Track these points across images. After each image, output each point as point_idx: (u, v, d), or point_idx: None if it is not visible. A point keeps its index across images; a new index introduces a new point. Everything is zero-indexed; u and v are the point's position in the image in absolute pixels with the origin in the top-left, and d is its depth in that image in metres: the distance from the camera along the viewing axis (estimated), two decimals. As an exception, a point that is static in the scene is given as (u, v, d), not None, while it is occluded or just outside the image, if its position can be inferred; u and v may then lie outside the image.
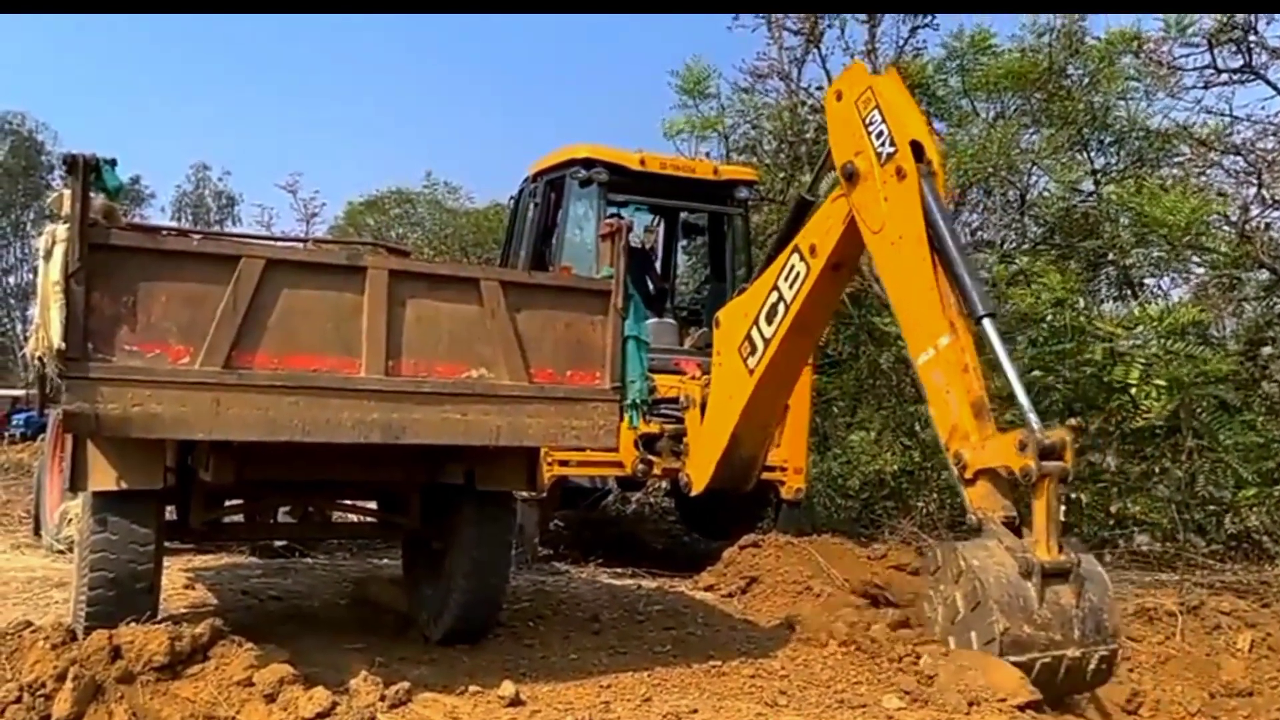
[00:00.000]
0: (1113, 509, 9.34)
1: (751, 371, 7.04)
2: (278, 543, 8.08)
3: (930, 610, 5.06)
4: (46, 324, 4.00)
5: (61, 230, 3.95)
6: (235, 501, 5.69)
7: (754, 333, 7.01)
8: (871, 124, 5.96)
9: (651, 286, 10.09)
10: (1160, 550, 8.64)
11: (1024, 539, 4.83)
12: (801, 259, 6.65)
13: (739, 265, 9.73)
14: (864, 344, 12.39)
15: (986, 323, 5.32)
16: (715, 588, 7.34)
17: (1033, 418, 4.94)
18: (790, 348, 6.87)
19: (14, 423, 27.94)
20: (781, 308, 6.77)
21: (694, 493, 7.92)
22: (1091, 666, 4.71)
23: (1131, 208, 10.25)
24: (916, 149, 5.74)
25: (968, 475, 5.13)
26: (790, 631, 5.83)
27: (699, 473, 7.80)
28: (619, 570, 8.53)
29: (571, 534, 10.50)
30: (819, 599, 6.60)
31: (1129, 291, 12.08)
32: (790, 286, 6.71)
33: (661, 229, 10.85)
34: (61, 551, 7.98)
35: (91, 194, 3.99)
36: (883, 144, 5.88)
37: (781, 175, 13.85)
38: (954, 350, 5.35)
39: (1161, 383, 8.99)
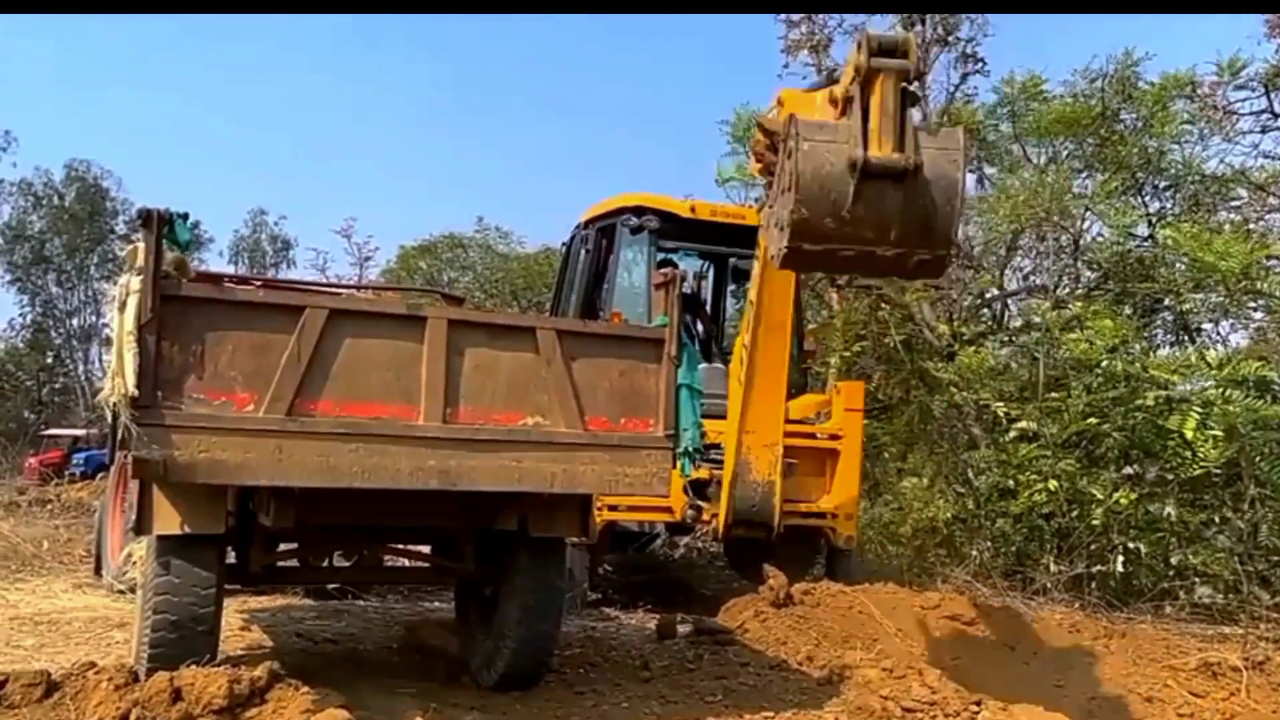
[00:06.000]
0: (1173, 560, 9.15)
1: (741, 381, 7.67)
2: (331, 585, 8.15)
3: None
4: (121, 371, 4.11)
5: (135, 282, 4.08)
6: (291, 545, 5.77)
7: (741, 352, 7.74)
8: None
9: (701, 332, 10.13)
10: (1223, 603, 8.43)
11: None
12: (756, 260, 7.42)
13: (788, 311, 9.74)
14: (915, 389, 12.31)
15: None
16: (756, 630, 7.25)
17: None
18: (766, 347, 7.49)
19: (74, 461, 28.54)
20: (751, 310, 7.47)
21: (720, 534, 8.15)
22: (910, 264, 4.52)
23: (1186, 252, 10.13)
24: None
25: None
26: (843, 683, 5.77)
27: (722, 510, 8.00)
28: (667, 616, 8.48)
29: (619, 579, 10.47)
30: (872, 648, 6.53)
31: (1185, 337, 11.90)
32: (754, 288, 7.43)
33: (711, 275, 10.92)
34: (123, 591, 8.11)
35: (164, 247, 4.13)
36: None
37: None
38: None
39: (1218, 430, 8.83)
